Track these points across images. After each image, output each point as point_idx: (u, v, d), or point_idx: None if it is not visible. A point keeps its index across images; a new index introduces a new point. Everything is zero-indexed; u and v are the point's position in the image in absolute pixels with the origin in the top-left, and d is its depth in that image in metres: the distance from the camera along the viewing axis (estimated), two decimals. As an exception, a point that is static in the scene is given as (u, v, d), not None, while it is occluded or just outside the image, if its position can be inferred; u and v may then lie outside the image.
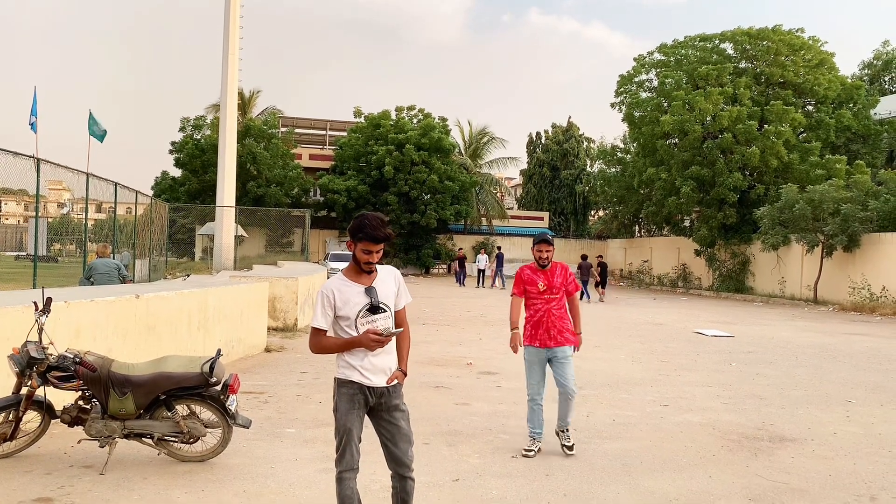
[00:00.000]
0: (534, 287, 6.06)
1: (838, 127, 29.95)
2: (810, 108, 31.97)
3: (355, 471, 3.76)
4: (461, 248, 41.23)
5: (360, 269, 3.81)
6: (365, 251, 3.75)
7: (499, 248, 37.13)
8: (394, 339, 3.87)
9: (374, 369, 3.78)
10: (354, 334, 3.75)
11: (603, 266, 27.21)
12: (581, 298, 29.51)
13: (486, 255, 34.83)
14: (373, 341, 3.69)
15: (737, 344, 13.91)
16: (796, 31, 31.98)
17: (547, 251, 6.11)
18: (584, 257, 28.68)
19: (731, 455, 6.11)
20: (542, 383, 6.00)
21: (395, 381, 3.85)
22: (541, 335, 5.98)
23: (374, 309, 3.78)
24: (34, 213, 13.72)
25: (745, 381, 9.75)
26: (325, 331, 3.79)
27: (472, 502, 4.83)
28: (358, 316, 3.76)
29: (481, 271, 33.19)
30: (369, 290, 3.79)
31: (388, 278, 3.90)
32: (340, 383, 3.82)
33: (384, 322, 3.80)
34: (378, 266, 3.90)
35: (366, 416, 3.88)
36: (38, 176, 12.75)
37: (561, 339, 5.97)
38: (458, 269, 35.19)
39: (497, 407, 7.78)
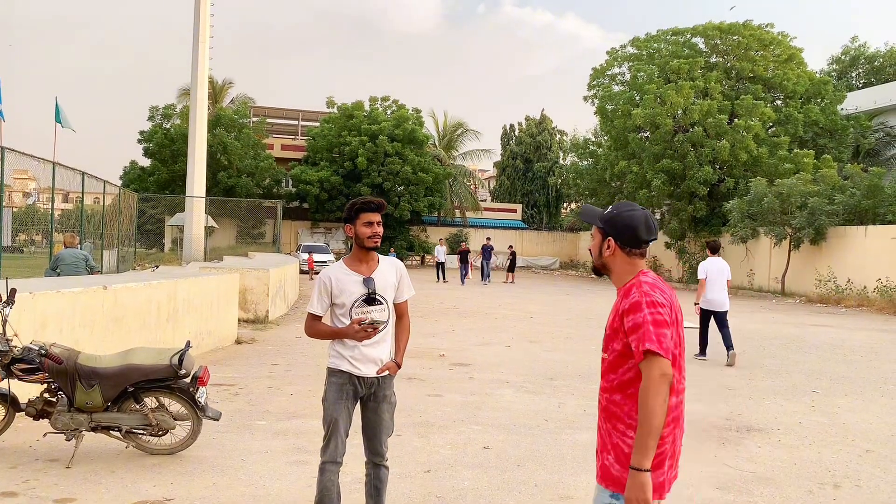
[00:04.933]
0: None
1: (806, 122, 30.39)
2: (779, 102, 32.41)
3: (338, 464, 3.77)
4: (463, 242, 37.87)
5: (365, 248, 3.80)
6: (366, 224, 3.76)
7: (488, 238, 34.94)
8: (390, 329, 3.88)
9: (365, 359, 3.79)
10: (348, 323, 3.76)
11: (513, 254, 31.60)
12: (483, 280, 29.86)
13: (443, 247, 31.99)
14: (358, 332, 3.69)
15: (706, 335, 14.05)
16: (766, 27, 32.39)
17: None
18: (488, 238, 32.03)
19: (699, 444, 6.19)
20: None
21: (387, 372, 3.85)
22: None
23: (370, 300, 3.77)
24: (-2, 203, 13.46)
25: (713, 372, 9.88)
26: (320, 316, 3.82)
27: (444, 493, 4.84)
28: (353, 306, 3.76)
29: (440, 264, 30.78)
30: (367, 281, 3.78)
31: (388, 270, 3.89)
32: (331, 372, 3.84)
33: (379, 314, 3.79)
34: (381, 257, 3.91)
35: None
36: (2, 165, 12.50)
37: (600, 469, 2.61)
38: (459, 264, 30.80)
39: (469, 398, 7.80)
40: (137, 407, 5.24)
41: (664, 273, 34.46)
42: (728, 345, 10.62)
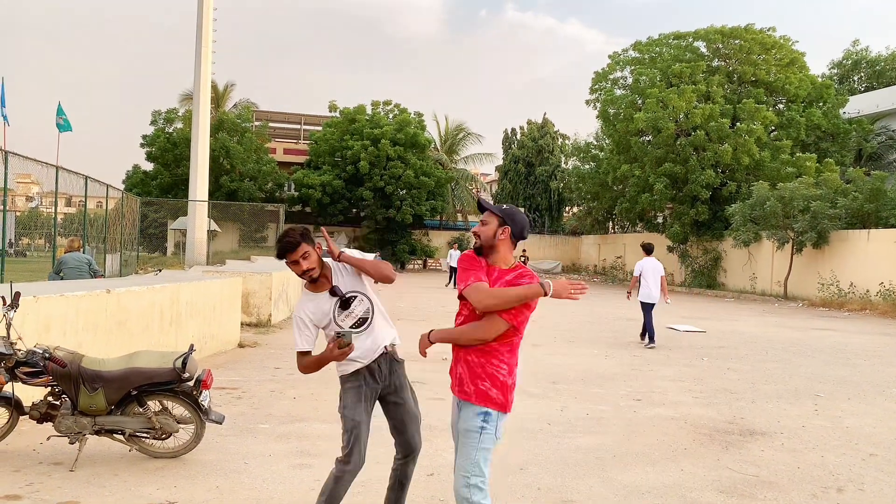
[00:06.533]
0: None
1: (808, 125, 30.39)
2: (781, 106, 32.41)
3: (355, 475, 3.77)
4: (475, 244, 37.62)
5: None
6: (293, 263, 3.72)
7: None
8: (378, 312, 3.90)
9: (369, 351, 3.83)
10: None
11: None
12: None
13: (457, 252, 31.06)
14: (338, 354, 3.61)
15: (708, 339, 14.07)
16: (768, 31, 32.40)
17: None
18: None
19: (702, 448, 6.19)
20: None
21: (395, 345, 3.92)
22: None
23: (346, 302, 3.79)
24: (1, 207, 13.49)
25: (716, 376, 9.87)
26: (309, 351, 3.79)
27: (447, 497, 4.84)
28: (335, 316, 3.78)
29: (453, 269, 29.68)
30: (333, 290, 3.81)
31: (341, 268, 3.89)
32: (344, 379, 3.86)
33: (360, 306, 3.83)
34: (326, 261, 3.88)
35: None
36: (5, 168, 12.55)
37: (476, 392, 3.63)
38: None
39: (472, 402, 7.78)
40: (141, 410, 5.25)
41: (667, 276, 34.33)
42: (650, 334, 12.66)
